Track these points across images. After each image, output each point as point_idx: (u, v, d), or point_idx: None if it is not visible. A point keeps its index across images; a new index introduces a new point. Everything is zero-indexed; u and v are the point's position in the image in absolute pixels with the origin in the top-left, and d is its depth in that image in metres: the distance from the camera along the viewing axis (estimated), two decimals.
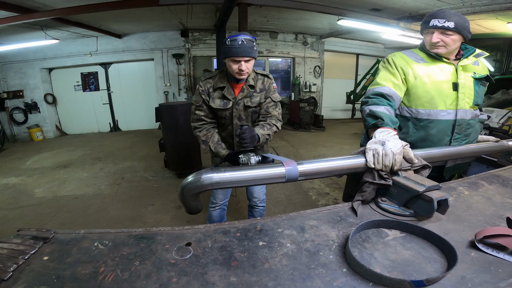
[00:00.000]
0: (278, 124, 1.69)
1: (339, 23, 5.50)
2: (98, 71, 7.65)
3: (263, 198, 2.00)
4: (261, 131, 1.53)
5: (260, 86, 1.65)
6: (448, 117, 1.28)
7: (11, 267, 0.60)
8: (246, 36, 1.43)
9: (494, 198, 0.95)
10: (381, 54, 8.76)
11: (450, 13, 1.22)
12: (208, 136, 1.63)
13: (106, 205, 3.26)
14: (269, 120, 1.66)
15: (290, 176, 0.86)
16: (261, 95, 1.65)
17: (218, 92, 1.60)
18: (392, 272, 0.59)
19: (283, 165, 0.87)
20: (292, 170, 0.86)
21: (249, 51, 1.44)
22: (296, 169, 0.86)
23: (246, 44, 1.42)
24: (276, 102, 1.71)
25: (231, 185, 0.87)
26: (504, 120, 2.80)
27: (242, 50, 1.41)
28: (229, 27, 5.85)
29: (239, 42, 1.40)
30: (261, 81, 1.66)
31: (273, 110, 1.70)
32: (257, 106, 1.66)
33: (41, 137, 7.43)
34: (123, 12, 4.87)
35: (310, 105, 7.67)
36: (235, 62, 1.46)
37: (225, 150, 1.60)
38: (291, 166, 0.86)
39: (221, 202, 1.90)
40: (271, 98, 1.68)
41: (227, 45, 1.43)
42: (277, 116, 1.70)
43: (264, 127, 1.59)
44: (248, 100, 1.62)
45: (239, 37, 1.41)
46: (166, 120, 3.88)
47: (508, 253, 0.63)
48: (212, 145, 1.61)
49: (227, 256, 0.67)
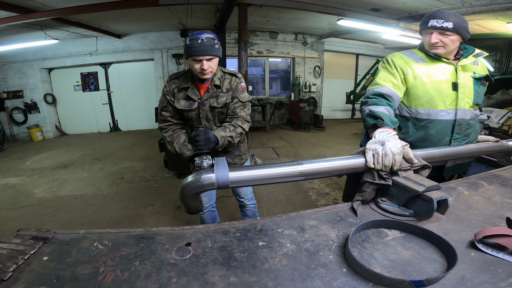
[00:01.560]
0: (244, 125, 1.62)
1: (339, 23, 5.50)
2: (98, 71, 7.64)
3: (251, 197, 1.98)
4: (222, 133, 1.48)
5: (227, 86, 1.60)
6: (447, 117, 1.28)
7: (10, 267, 0.60)
8: (207, 34, 1.39)
9: (493, 198, 0.95)
10: (381, 54, 8.77)
11: (449, 13, 1.22)
12: (173, 137, 1.60)
13: (106, 205, 3.26)
14: (235, 121, 1.60)
15: (220, 183, 0.85)
16: (228, 95, 1.60)
17: (183, 93, 1.56)
18: (392, 272, 0.60)
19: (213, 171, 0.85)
20: (221, 176, 0.85)
21: (210, 49, 1.40)
22: (227, 174, 0.85)
23: (207, 43, 1.38)
24: (243, 102, 1.64)
25: (232, 185, 0.87)
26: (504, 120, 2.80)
27: (203, 49, 1.38)
28: (229, 27, 5.86)
29: (199, 40, 1.37)
30: (228, 81, 1.61)
31: (241, 111, 1.63)
32: (223, 106, 1.61)
33: (40, 137, 7.42)
34: (123, 12, 4.86)
35: (310, 105, 7.67)
36: (197, 61, 1.42)
37: (190, 152, 1.56)
38: (222, 172, 0.85)
39: (207, 204, 1.88)
40: (238, 98, 1.62)
41: (187, 45, 1.39)
42: (245, 117, 1.64)
43: (227, 128, 1.54)
44: (214, 100, 1.57)
45: (199, 35, 1.38)
46: None
47: (507, 253, 0.63)
48: (177, 146, 1.58)
49: (227, 256, 0.67)
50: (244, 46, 4.40)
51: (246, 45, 4.44)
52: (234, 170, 0.87)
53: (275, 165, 0.91)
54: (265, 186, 3.35)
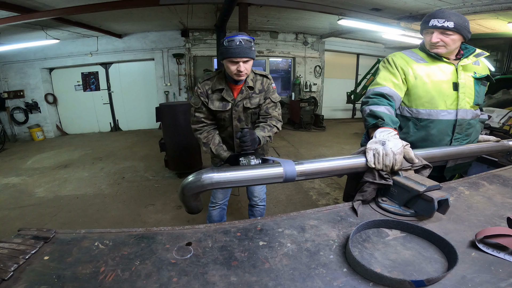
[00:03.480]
0: (278, 124, 1.68)
1: (339, 23, 5.50)
2: (99, 71, 7.65)
3: (264, 197, 2.00)
4: (262, 133, 1.53)
5: (259, 87, 1.63)
6: (448, 117, 1.28)
7: (11, 267, 0.60)
8: (244, 37, 1.40)
9: (494, 198, 0.95)
10: (381, 54, 8.76)
11: (450, 13, 1.22)
12: (209, 138, 1.62)
13: (107, 205, 3.27)
14: (269, 121, 1.65)
15: (287, 176, 0.86)
16: (260, 96, 1.64)
17: (217, 94, 1.58)
18: (393, 272, 0.59)
19: (281, 165, 0.87)
20: (289, 170, 0.86)
21: (248, 51, 1.41)
22: (294, 169, 0.87)
23: (244, 45, 1.39)
24: (275, 103, 1.70)
25: (231, 185, 0.88)
26: (504, 120, 2.80)
27: (240, 51, 1.39)
28: (229, 27, 5.84)
29: (237, 42, 1.38)
30: (260, 82, 1.64)
31: (273, 111, 1.68)
32: (256, 107, 1.65)
33: (41, 137, 7.44)
34: (123, 12, 4.87)
35: (310, 105, 7.67)
36: (234, 63, 1.43)
37: (227, 152, 1.60)
38: (289, 166, 0.87)
39: (221, 202, 1.90)
40: (270, 99, 1.67)
41: (225, 46, 1.40)
42: (277, 117, 1.69)
43: (265, 129, 1.58)
44: (247, 101, 1.60)
45: (237, 37, 1.39)
46: (166, 120, 3.88)
47: (508, 253, 0.63)
48: (213, 147, 1.60)
49: (228, 256, 0.67)
50: None
51: None
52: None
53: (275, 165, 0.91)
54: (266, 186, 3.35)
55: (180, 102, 5.03)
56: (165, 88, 7.65)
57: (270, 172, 0.87)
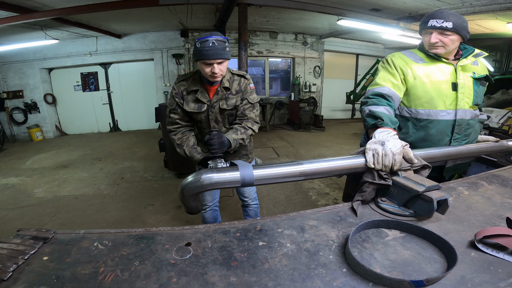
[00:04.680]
0: (254, 126, 1.62)
1: (339, 23, 5.50)
2: (98, 71, 7.64)
3: (255, 196, 1.98)
4: (234, 136, 1.48)
5: (236, 88, 1.58)
6: (447, 117, 1.28)
7: (11, 267, 0.60)
8: (217, 37, 1.35)
9: (493, 198, 0.95)
10: (381, 54, 8.77)
11: (448, 13, 1.22)
12: (183, 140, 1.58)
13: (106, 205, 3.26)
14: (245, 123, 1.59)
15: (245, 181, 0.86)
16: (237, 97, 1.58)
17: (192, 95, 1.54)
18: (392, 272, 0.60)
19: (238, 169, 0.87)
20: (247, 174, 0.86)
21: (221, 52, 1.36)
22: (252, 173, 0.86)
23: (218, 46, 1.34)
24: (253, 104, 1.63)
25: (231, 185, 0.87)
26: (504, 120, 2.80)
27: (214, 52, 1.34)
28: (229, 27, 5.86)
29: (210, 44, 1.33)
30: (237, 82, 1.58)
31: (250, 112, 1.62)
32: (233, 108, 1.59)
33: (40, 137, 7.42)
34: (123, 12, 4.86)
35: (310, 105, 7.68)
36: (207, 65, 1.38)
37: (200, 155, 1.55)
38: (247, 170, 0.86)
39: (210, 203, 1.88)
40: (247, 100, 1.60)
41: (198, 48, 1.35)
42: (254, 118, 1.64)
43: (238, 131, 1.54)
44: (223, 102, 1.55)
45: (210, 38, 1.34)
46: (166, 120, 3.87)
47: (507, 253, 0.63)
48: (187, 149, 1.57)
49: (227, 256, 0.67)
50: (244, 46, 4.40)
51: (246, 45, 4.45)
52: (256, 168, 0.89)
53: (276, 165, 0.91)
54: (265, 186, 3.35)
55: None
56: (164, 88, 7.64)
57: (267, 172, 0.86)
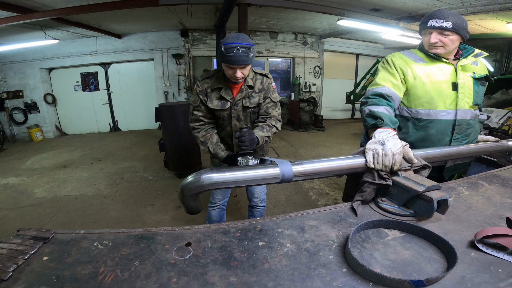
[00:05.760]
0: (278, 124, 1.67)
1: (339, 23, 5.51)
2: (98, 71, 7.64)
3: (264, 198, 1.99)
4: (261, 133, 1.52)
5: (259, 86, 1.62)
6: (447, 117, 1.28)
7: (10, 267, 0.59)
8: (242, 43, 1.36)
9: (493, 198, 0.95)
10: (381, 54, 8.77)
11: (448, 13, 1.22)
12: (207, 137, 1.61)
13: (106, 205, 3.26)
14: (269, 121, 1.64)
15: (284, 177, 0.87)
16: (260, 96, 1.63)
17: (216, 93, 1.57)
18: (392, 272, 0.60)
19: (278, 165, 0.88)
20: (286, 170, 0.87)
21: (245, 59, 1.38)
22: (291, 169, 0.87)
23: (242, 53, 1.36)
24: (275, 102, 1.68)
25: (231, 185, 0.88)
26: (503, 120, 2.80)
27: (237, 59, 1.36)
28: (229, 27, 5.85)
29: (234, 50, 1.35)
30: (260, 81, 1.63)
31: (273, 111, 1.67)
32: (256, 106, 1.63)
33: (40, 137, 7.42)
34: (123, 12, 4.86)
35: (310, 105, 7.67)
36: (231, 68, 1.42)
37: (224, 152, 1.59)
38: (286, 166, 0.87)
39: (220, 202, 1.90)
40: (270, 99, 1.65)
41: (222, 51, 1.38)
42: (277, 117, 1.68)
43: (264, 128, 1.57)
44: (246, 100, 1.60)
45: (235, 44, 1.35)
46: (166, 120, 3.87)
47: (507, 253, 0.63)
48: (211, 146, 1.59)
49: (227, 256, 0.67)
50: None
51: None
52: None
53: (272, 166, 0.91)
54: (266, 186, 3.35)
55: (179, 102, 5.02)
56: (164, 88, 7.65)
57: (267, 172, 0.87)
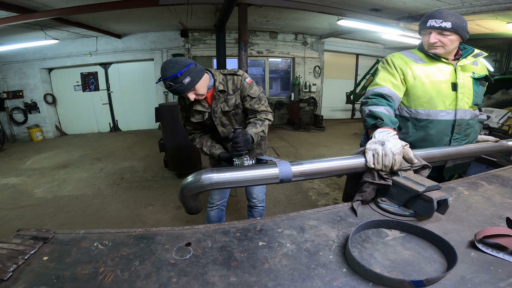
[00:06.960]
0: (269, 116, 1.62)
1: (339, 23, 5.50)
2: (98, 71, 7.64)
3: (263, 198, 1.99)
4: (254, 130, 1.49)
5: (232, 87, 1.58)
6: (447, 117, 1.28)
7: (10, 267, 0.60)
8: (170, 77, 1.31)
9: (493, 198, 0.95)
10: (381, 54, 8.77)
11: (447, 13, 1.22)
12: (202, 143, 1.66)
13: (106, 205, 3.26)
14: (259, 115, 1.60)
15: (284, 177, 0.87)
16: (236, 96, 1.58)
17: (194, 106, 1.56)
18: (392, 272, 0.60)
19: (277, 166, 0.88)
20: (286, 170, 0.87)
21: (181, 89, 1.35)
22: (290, 169, 0.87)
23: (175, 85, 1.32)
24: (257, 97, 1.61)
25: (231, 185, 0.88)
26: (503, 120, 2.80)
27: (175, 91, 1.35)
28: (229, 27, 5.86)
29: (168, 84, 1.33)
30: (231, 81, 1.58)
31: (259, 105, 1.61)
32: (235, 108, 1.60)
33: (40, 137, 7.42)
34: (123, 12, 4.87)
35: (310, 105, 7.68)
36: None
37: (219, 150, 1.61)
38: (285, 166, 0.87)
39: (218, 202, 1.89)
40: (249, 96, 1.59)
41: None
42: (265, 109, 1.63)
43: (256, 124, 1.54)
44: (224, 105, 1.57)
45: (164, 79, 1.32)
46: (166, 120, 3.88)
47: (507, 253, 0.63)
48: (205, 148, 1.64)
49: (227, 256, 0.67)
50: (244, 46, 4.40)
51: (246, 45, 4.45)
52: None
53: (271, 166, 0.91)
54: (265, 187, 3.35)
55: None
56: (164, 88, 7.61)
57: (267, 172, 0.87)
